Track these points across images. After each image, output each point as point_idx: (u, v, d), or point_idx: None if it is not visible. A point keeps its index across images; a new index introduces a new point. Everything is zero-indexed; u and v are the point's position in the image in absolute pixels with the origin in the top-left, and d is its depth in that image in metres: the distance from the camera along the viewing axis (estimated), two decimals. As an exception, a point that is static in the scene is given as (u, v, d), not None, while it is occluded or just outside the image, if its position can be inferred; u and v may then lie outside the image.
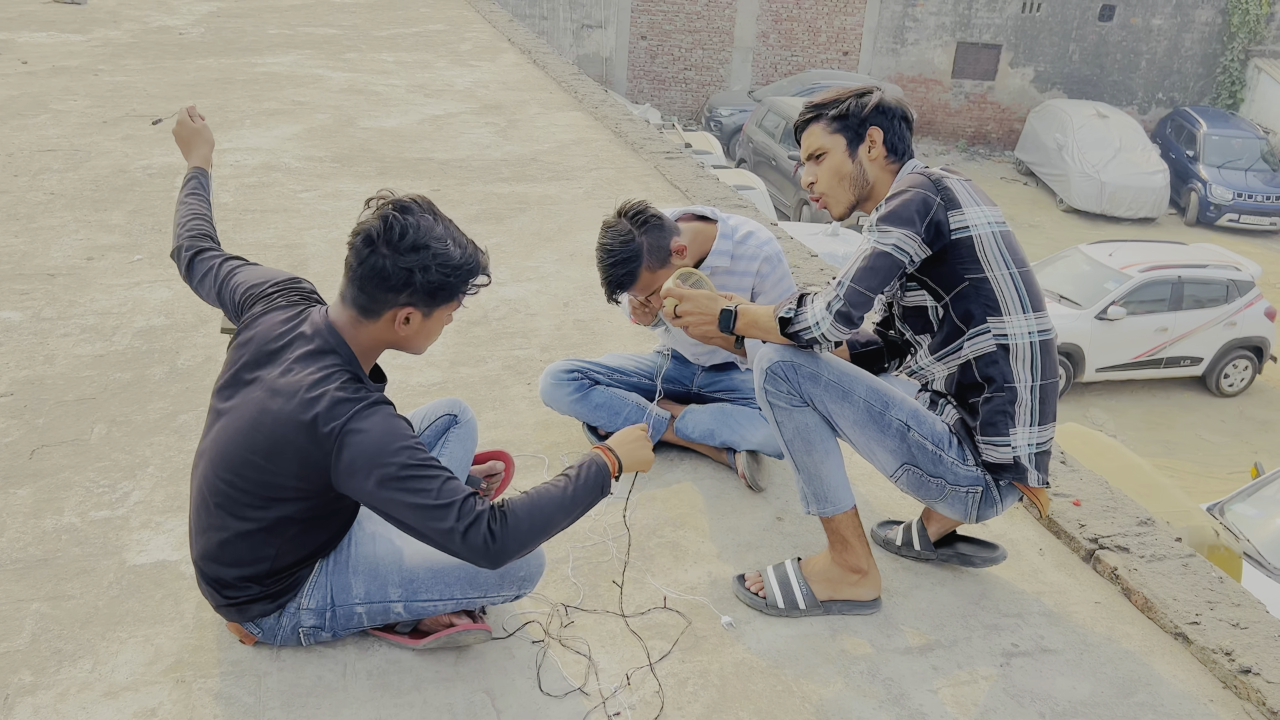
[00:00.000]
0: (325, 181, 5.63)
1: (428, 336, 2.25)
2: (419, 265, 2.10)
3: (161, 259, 4.51)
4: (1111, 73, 23.61)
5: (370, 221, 2.12)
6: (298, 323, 2.25)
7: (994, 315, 2.36)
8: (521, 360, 3.83)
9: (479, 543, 2.03)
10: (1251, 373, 13.51)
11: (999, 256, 2.35)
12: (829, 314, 2.32)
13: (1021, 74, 23.60)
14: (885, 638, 2.55)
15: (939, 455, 2.42)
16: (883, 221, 2.32)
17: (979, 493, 2.45)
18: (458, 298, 2.20)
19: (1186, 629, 2.54)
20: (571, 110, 7.39)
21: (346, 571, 2.35)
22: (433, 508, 2.03)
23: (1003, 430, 2.40)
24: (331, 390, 2.08)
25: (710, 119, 21.31)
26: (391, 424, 2.09)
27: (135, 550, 2.72)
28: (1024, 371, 2.38)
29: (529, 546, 2.11)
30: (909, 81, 23.40)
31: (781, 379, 2.44)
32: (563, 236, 5.06)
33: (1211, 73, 23.45)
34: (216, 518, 2.23)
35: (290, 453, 2.10)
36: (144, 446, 3.18)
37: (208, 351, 3.75)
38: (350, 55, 8.78)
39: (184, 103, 2.47)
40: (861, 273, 2.31)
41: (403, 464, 2.04)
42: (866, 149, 2.48)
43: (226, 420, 2.22)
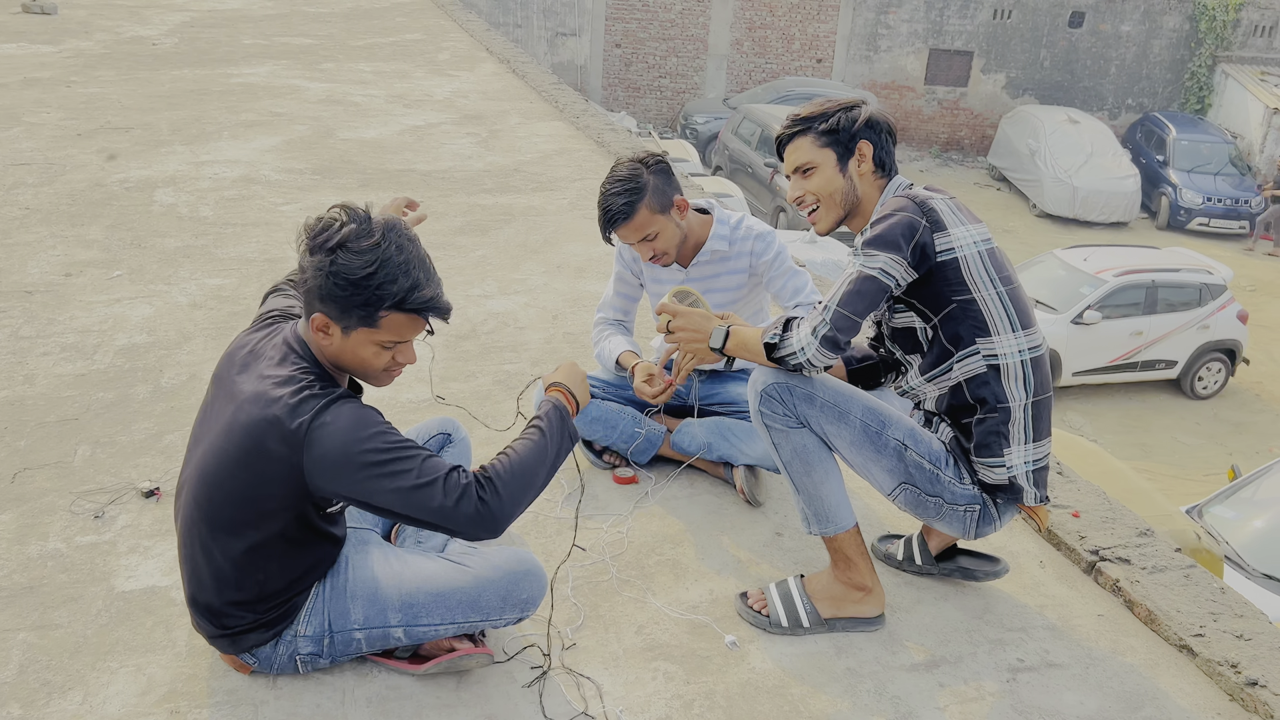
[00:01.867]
0: (306, 194, 5.56)
1: (358, 360, 2.11)
2: (316, 267, 2.01)
3: (142, 275, 4.44)
4: (1082, 78, 23.82)
5: (313, 218, 2.08)
6: (268, 336, 2.22)
7: (983, 336, 2.34)
8: (512, 375, 3.79)
9: (472, 512, 2.00)
10: (1224, 375, 13.63)
11: (985, 276, 2.33)
12: (814, 339, 2.29)
13: (993, 80, 23.77)
14: (890, 654, 2.52)
15: (936, 474, 2.40)
16: (868, 245, 2.30)
17: (976, 511, 2.43)
18: (375, 321, 2.04)
19: (1191, 641, 2.54)
20: (553, 120, 7.36)
21: (344, 597, 2.30)
22: (417, 488, 1.99)
23: (997, 451, 2.38)
24: (296, 388, 2.04)
25: (685, 126, 21.31)
26: (360, 413, 2.04)
27: (124, 576, 2.66)
28: (1017, 390, 2.36)
29: (521, 505, 2.09)
30: (882, 88, 23.51)
31: (776, 401, 2.41)
32: (549, 248, 5.02)
33: (1180, 78, 23.69)
34: (202, 544, 2.17)
35: (263, 458, 2.04)
36: (129, 468, 3.11)
37: (192, 369, 3.68)
38: (327, 65, 8.71)
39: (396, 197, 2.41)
40: (848, 297, 2.28)
41: (377, 449, 1.99)
42: (856, 163, 2.46)
43: (203, 444, 2.18)
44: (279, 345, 2.16)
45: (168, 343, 3.88)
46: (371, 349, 2.10)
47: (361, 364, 2.14)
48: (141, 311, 4.12)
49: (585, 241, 5.12)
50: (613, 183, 2.90)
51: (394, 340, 2.11)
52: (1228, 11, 22.90)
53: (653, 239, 2.94)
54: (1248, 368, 13.89)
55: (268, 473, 2.06)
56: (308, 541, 2.23)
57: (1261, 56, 23.11)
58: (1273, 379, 14.45)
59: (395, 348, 2.14)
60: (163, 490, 2.99)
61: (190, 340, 3.90)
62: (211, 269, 4.56)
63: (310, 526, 2.20)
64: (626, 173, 2.90)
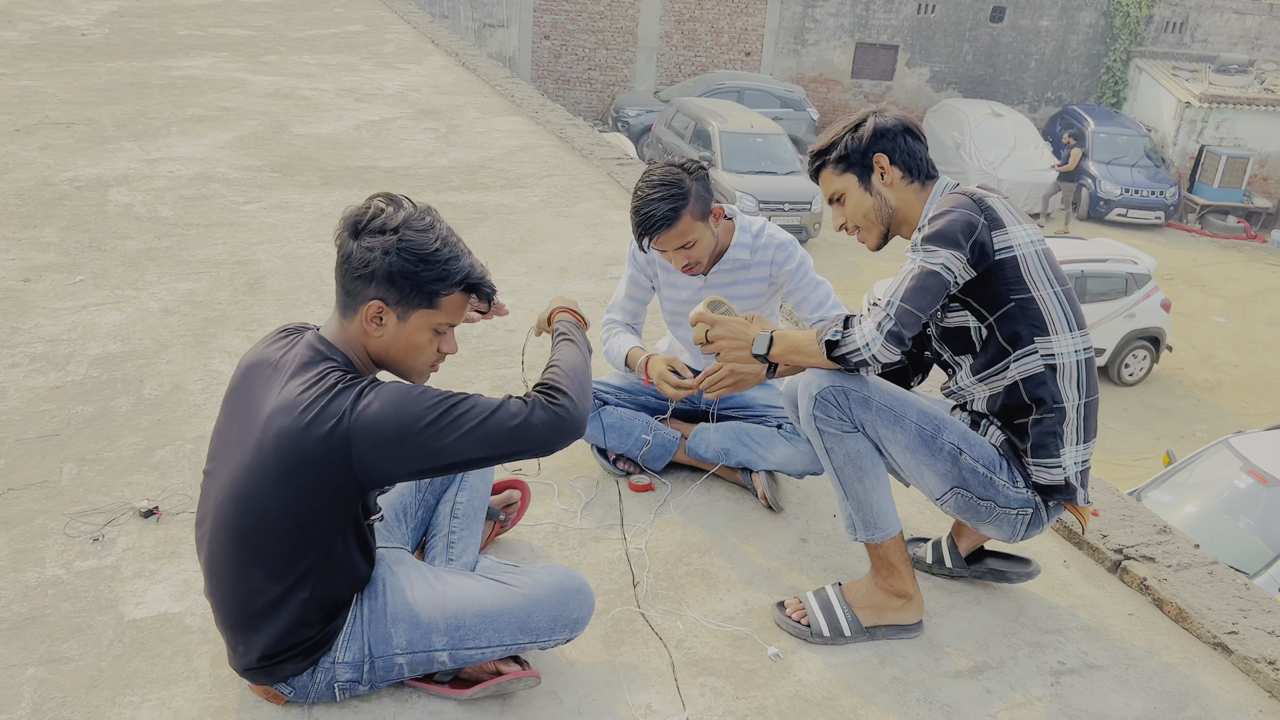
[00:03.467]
0: (268, 193, 5.38)
1: (410, 349, 2.08)
2: (382, 247, 1.97)
3: (106, 279, 4.24)
4: (1003, 72, 24.33)
5: (355, 208, 2.04)
6: (287, 347, 2.12)
7: (1041, 335, 2.34)
8: (508, 380, 3.70)
9: (550, 418, 1.99)
10: (1150, 362, 14.06)
11: (1044, 275, 2.33)
12: (880, 334, 2.26)
13: (918, 74, 24.15)
14: (934, 662, 2.51)
15: (990, 478, 2.39)
16: (928, 241, 2.28)
17: (1029, 514, 2.43)
18: (437, 301, 2.04)
19: (1225, 639, 2.57)
20: (511, 115, 7.23)
21: (384, 620, 2.20)
22: (485, 422, 1.95)
23: (1054, 452, 2.38)
24: (325, 388, 1.96)
25: (617, 119, 21.25)
26: (396, 387, 1.98)
27: (132, 603, 2.52)
28: (1072, 390, 2.36)
29: (588, 402, 2.11)
30: (810, 82, 23.73)
31: (832, 405, 2.38)
32: (527, 248, 4.93)
33: (1096, 72, 24.35)
34: (239, 571, 2.06)
35: (305, 470, 1.95)
36: (122, 486, 2.96)
37: (175, 380, 3.52)
38: (270, 58, 8.45)
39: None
40: (911, 292, 2.26)
41: (428, 407, 1.94)
42: (879, 177, 2.43)
43: (228, 467, 2.06)
44: (301, 352, 2.06)
45: (145, 351, 3.71)
46: (426, 335, 2.07)
47: (411, 355, 2.09)
48: (112, 318, 3.93)
49: (564, 240, 5.03)
50: (653, 187, 2.81)
51: (448, 323, 2.10)
52: (1141, 8, 23.58)
53: (690, 247, 2.88)
54: (1171, 354, 14.35)
55: (311, 484, 1.97)
56: (350, 558, 2.13)
57: (1173, 52, 23.85)
58: (1193, 365, 14.96)
59: (445, 334, 2.11)
60: (162, 510, 2.85)
61: (168, 348, 3.72)
62: (180, 272, 4.37)
63: (355, 541, 2.11)
64: (669, 178, 2.82)
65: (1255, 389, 14.35)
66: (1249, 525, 8.06)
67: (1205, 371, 14.74)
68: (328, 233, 4.82)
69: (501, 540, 2.84)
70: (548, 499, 3.04)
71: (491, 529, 2.79)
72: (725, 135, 16.66)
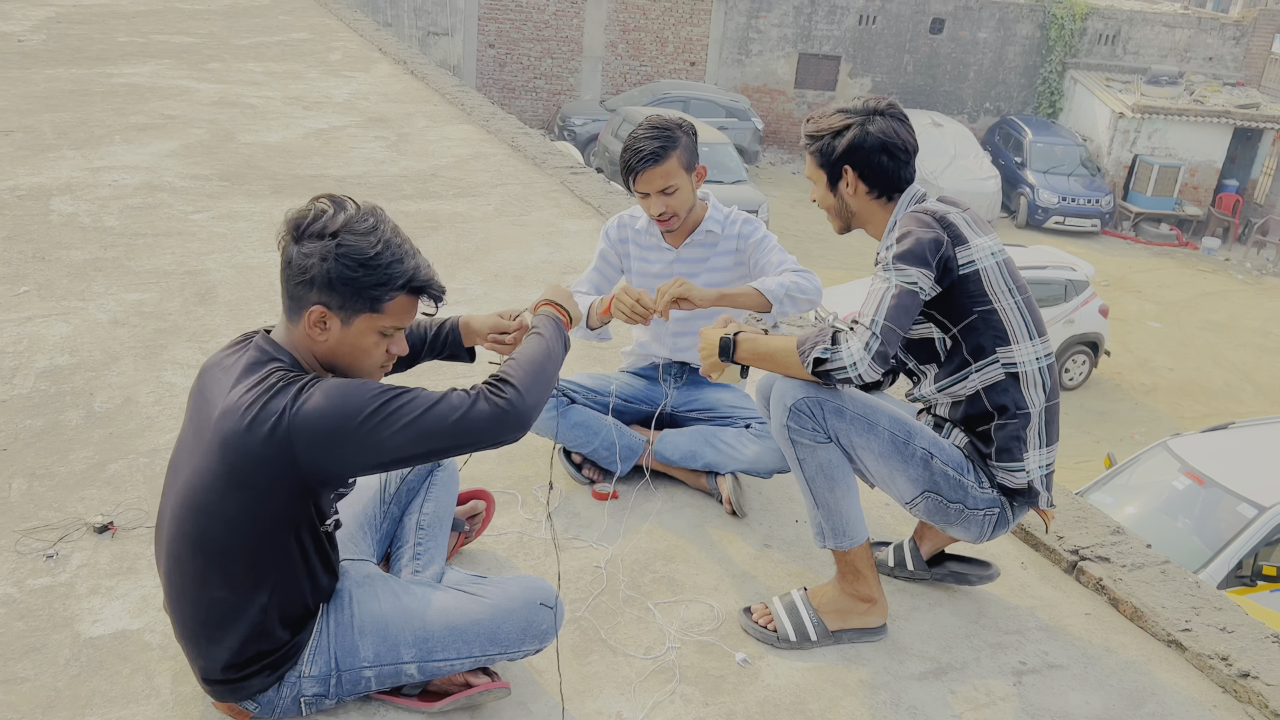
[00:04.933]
0: (216, 202, 5.30)
1: (356, 352, 2.05)
2: (320, 253, 1.95)
3: (52, 290, 4.14)
4: (943, 83, 24.72)
5: (297, 210, 2.02)
6: (238, 352, 2.10)
7: (1003, 345, 2.39)
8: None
9: (491, 411, 1.93)
10: (1089, 367, 14.36)
11: (1004, 285, 2.37)
12: (867, 354, 2.26)
13: (860, 84, 24.45)
14: (898, 664, 2.54)
15: (960, 481, 2.43)
16: (899, 260, 2.31)
17: (995, 515, 2.47)
18: (380, 306, 2.00)
19: (1179, 636, 2.63)
20: (461, 124, 7.20)
21: (351, 633, 2.18)
22: (424, 414, 1.91)
23: (1017, 456, 2.43)
24: (268, 386, 1.93)
25: (563, 128, 21.24)
26: (337, 382, 1.95)
27: (88, 621, 2.46)
28: (1036, 395, 2.41)
29: (538, 398, 2.03)
30: (754, 91, 23.92)
31: (806, 415, 2.40)
32: (482, 256, 4.90)
33: (1033, 83, 24.83)
34: (196, 580, 2.03)
35: (254, 469, 1.92)
36: (74, 502, 2.89)
37: (126, 392, 3.45)
38: (214, 65, 8.32)
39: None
40: (893, 310, 2.28)
41: (367, 398, 1.90)
42: (845, 185, 2.48)
43: (182, 473, 2.03)
44: (250, 354, 2.04)
45: (94, 364, 3.63)
46: (372, 338, 2.05)
47: (358, 358, 2.06)
48: (58, 330, 3.84)
49: (519, 249, 5.02)
50: (646, 129, 2.95)
51: (394, 326, 2.06)
52: (1075, 20, 24.10)
53: (671, 193, 2.96)
54: (1109, 359, 14.67)
55: (262, 486, 1.94)
56: (307, 567, 2.10)
57: (1106, 63, 24.42)
58: (1130, 369, 15.31)
59: (392, 336, 2.09)
60: (117, 525, 2.79)
61: (118, 360, 3.65)
62: (128, 283, 4.29)
63: (312, 545, 2.08)
64: (660, 124, 2.95)
65: (1189, 392, 14.72)
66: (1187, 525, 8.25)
67: (1142, 375, 15.09)
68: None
69: (466, 551, 2.82)
70: (512, 509, 3.02)
71: (456, 539, 2.78)
72: (672, 144, 16.71)
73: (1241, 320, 17.70)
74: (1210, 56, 24.72)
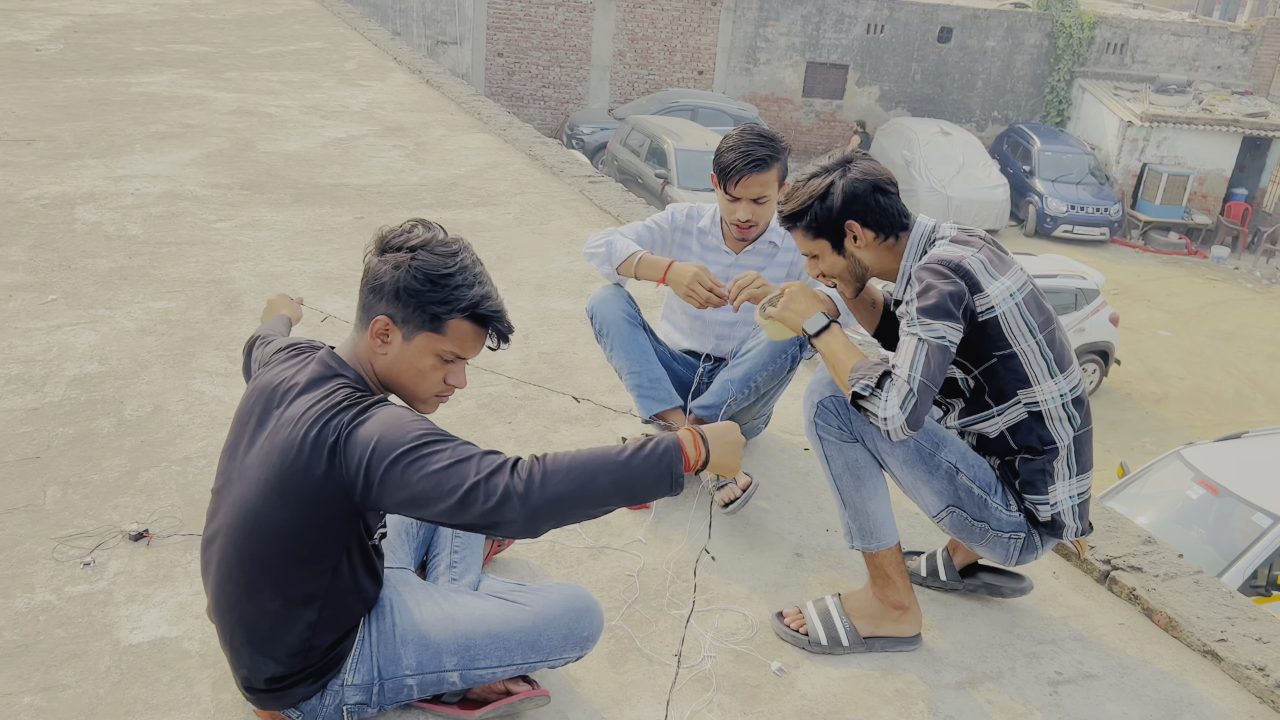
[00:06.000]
0: (239, 210, 5.32)
1: (413, 373, 2.05)
2: (395, 262, 1.98)
3: (79, 299, 4.16)
4: (951, 91, 24.72)
5: (389, 226, 2.07)
6: (300, 365, 2.11)
7: (1024, 388, 2.37)
8: (495, 397, 3.69)
9: (502, 491, 1.76)
10: (1099, 376, 14.32)
11: (1024, 328, 2.33)
12: (902, 413, 2.21)
13: (868, 93, 24.46)
14: (934, 674, 2.54)
15: (985, 500, 2.43)
16: (925, 315, 2.26)
17: (1021, 539, 2.48)
18: (441, 326, 2.00)
19: (1215, 646, 2.63)
20: (478, 133, 7.22)
21: (393, 642, 2.19)
22: (450, 467, 1.80)
23: (1042, 489, 2.43)
24: (333, 401, 1.94)
25: (572, 137, 21.27)
26: (395, 410, 1.95)
27: (127, 628, 2.48)
28: (1062, 430, 2.41)
29: (565, 505, 1.80)
30: (762, 100, 23.94)
31: (833, 414, 2.41)
32: (504, 265, 4.92)
33: (1041, 92, 24.82)
34: (246, 591, 2.04)
35: (308, 480, 1.92)
36: (108, 509, 2.91)
37: (156, 400, 3.47)
38: (231, 75, 8.36)
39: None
40: (928, 368, 2.24)
41: (412, 436, 1.85)
42: (851, 240, 2.42)
43: (238, 483, 2.04)
44: (313, 368, 2.06)
45: (123, 372, 3.65)
46: (430, 360, 2.04)
47: (414, 378, 2.06)
48: (87, 339, 3.86)
49: (540, 258, 5.03)
50: (754, 134, 2.98)
51: (454, 353, 2.05)
52: (1083, 29, 24.11)
53: (763, 203, 3.01)
54: (1119, 368, 14.64)
55: (314, 499, 1.94)
56: (359, 578, 2.11)
57: (1114, 72, 24.42)
58: (1140, 378, 15.28)
59: (451, 364, 2.07)
60: (153, 533, 2.80)
61: (147, 369, 3.67)
62: (154, 291, 4.31)
63: (361, 560, 2.09)
64: (768, 133, 2.99)
65: (1200, 401, 14.69)
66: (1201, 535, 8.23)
67: (1152, 384, 15.06)
68: (302, 251, 4.79)
69: (498, 559, 2.83)
70: (542, 517, 3.03)
71: (490, 547, 2.79)
72: (681, 153, 16.75)
73: (1251, 329, 17.67)
74: (1219, 65, 24.72)
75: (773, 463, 3.41)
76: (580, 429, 3.52)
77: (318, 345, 2.21)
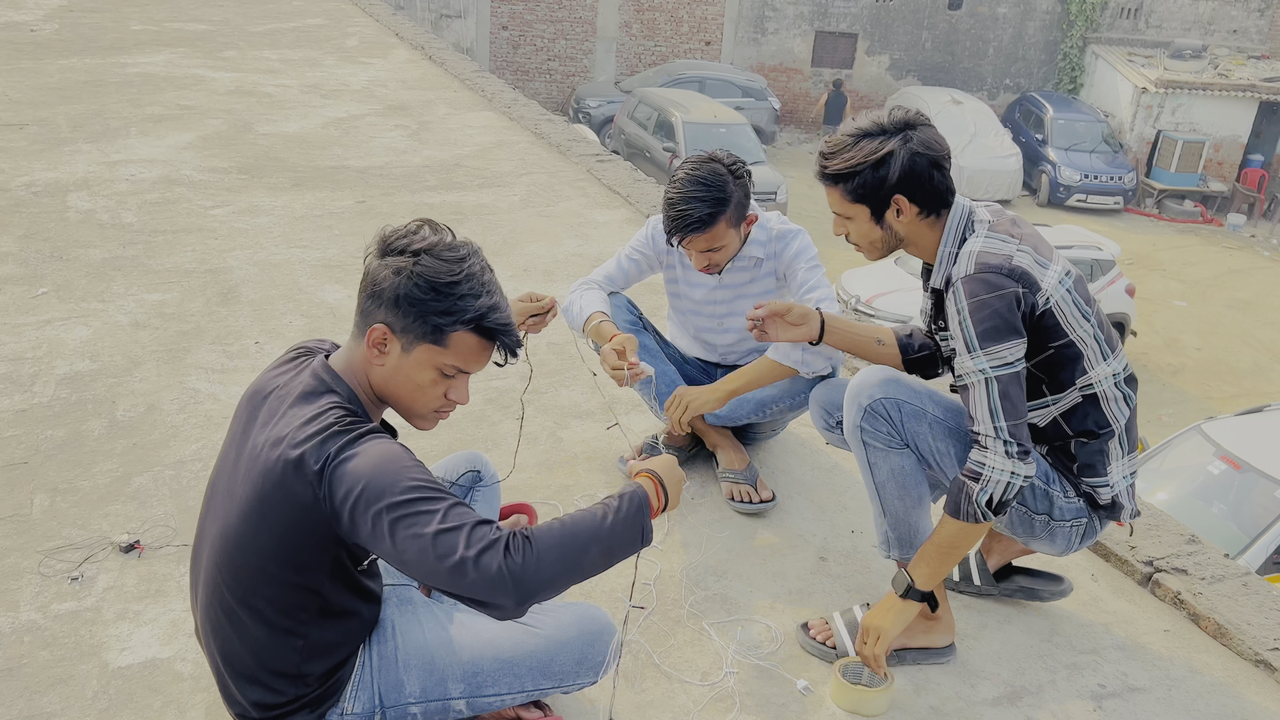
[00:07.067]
0: (237, 196, 5.16)
1: (411, 386, 1.89)
2: (395, 267, 1.82)
3: (71, 291, 4.02)
4: (962, 59, 24.38)
5: (392, 227, 1.89)
6: (294, 372, 1.95)
7: (1082, 375, 2.23)
8: (502, 392, 3.54)
9: (494, 571, 1.64)
10: (1116, 348, 14.11)
11: (1077, 315, 2.19)
12: (1010, 461, 2.10)
13: (878, 62, 24.14)
14: (970, 688, 2.40)
15: (1046, 491, 2.29)
16: (987, 342, 2.10)
17: (1083, 526, 2.33)
18: (443, 338, 1.85)
19: (1268, 656, 2.48)
20: (482, 110, 7.04)
21: (396, 667, 2.05)
22: (439, 535, 1.67)
23: (1101, 471, 2.29)
24: (323, 425, 1.79)
25: (578, 110, 21.03)
26: (389, 448, 1.78)
27: (116, 649, 2.35)
28: (1117, 411, 2.27)
29: (556, 581, 1.71)
30: (771, 71, 23.64)
31: (883, 419, 2.26)
32: (509, 250, 4.76)
33: (1053, 59, 24.47)
34: (230, 613, 1.90)
35: (289, 505, 1.78)
36: (98, 519, 2.77)
37: (150, 400, 3.33)
38: (229, 53, 8.17)
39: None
40: (1005, 405, 2.11)
41: (403, 489, 1.71)
42: (894, 213, 2.25)
43: (222, 500, 1.90)
44: (306, 380, 1.90)
45: (115, 369, 3.50)
46: (430, 374, 1.88)
47: (412, 393, 1.90)
48: (78, 334, 3.72)
49: (547, 241, 4.87)
50: (694, 185, 2.65)
51: (456, 367, 1.89)
52: (1096, -7, 23.74)
53: (716, 251, 2.76)
54: (1135, 339, 14.44)
55: (295, 522, 1.80)
56: (348, 602, 1.97)
57: (1128, 38, 24.03)
58: (1156, 350, 15.08)
59: (453, 379, 1.91)
60: (144, 544, 2.67)
61: (140, 366, 3.52)
62: (148, 282, 4.16)
63: (349, 583, 1.95)
64: (714, 179, 2.66)
65: (1218, 372, 14.50)
66: (1223, 511, 8.09)
67: (1169, 356, 14.87)
68: (302, 237, 4.63)
69: (508, 568, 2.68)
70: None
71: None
72: (689, 126, 16.51)
73: (1269, 298, 17.42)
74: (1234, 29, 24.29)
75: (793, 459, 3.26)
76: (591, 425, 3.37)
77: (317, 349, 2.05)
